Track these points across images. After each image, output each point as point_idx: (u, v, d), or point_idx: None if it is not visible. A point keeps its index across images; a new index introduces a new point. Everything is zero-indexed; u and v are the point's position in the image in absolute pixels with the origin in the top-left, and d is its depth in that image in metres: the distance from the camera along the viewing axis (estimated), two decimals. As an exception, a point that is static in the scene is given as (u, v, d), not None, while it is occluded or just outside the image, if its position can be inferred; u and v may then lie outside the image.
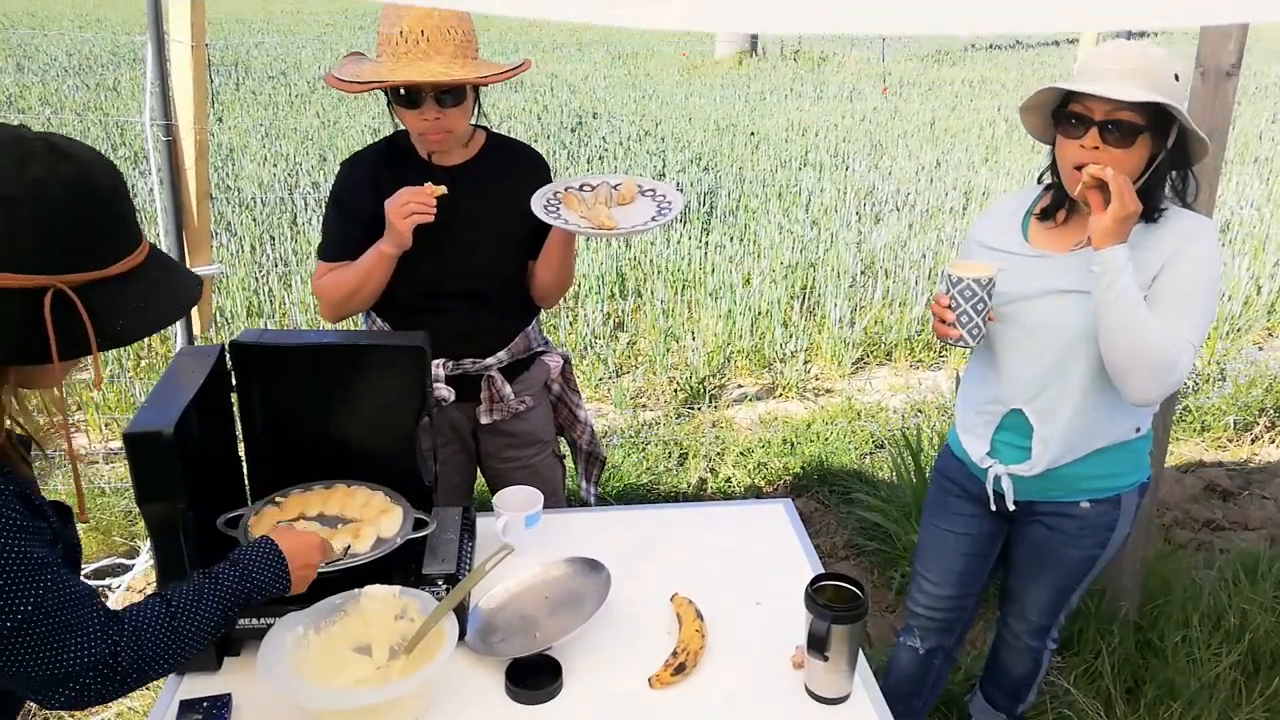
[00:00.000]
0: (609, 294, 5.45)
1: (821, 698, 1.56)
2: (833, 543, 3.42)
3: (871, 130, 10.05)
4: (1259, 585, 3.01)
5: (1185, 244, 1.75)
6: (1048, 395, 1.87)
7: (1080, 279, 1.79)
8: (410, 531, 1.66)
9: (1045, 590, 2.07)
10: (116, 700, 1.21)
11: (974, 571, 2.14)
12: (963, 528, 2.10)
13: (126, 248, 1.08)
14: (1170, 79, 1.71)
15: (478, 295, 2.10)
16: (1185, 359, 1.71)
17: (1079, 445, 1.89)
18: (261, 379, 1.75)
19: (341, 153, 8.20)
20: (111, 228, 1.06)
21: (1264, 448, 4.24)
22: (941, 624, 2.21)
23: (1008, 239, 1.92)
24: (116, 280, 1.06)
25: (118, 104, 10.21)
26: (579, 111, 10.61)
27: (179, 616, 1.21)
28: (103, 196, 1.05)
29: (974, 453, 2.00)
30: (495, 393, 2.16)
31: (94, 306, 1.03)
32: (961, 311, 1.80)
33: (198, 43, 2.69)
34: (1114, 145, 1.71)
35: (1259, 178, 8.09)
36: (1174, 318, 1.73)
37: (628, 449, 3.96)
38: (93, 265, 1.04)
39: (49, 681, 1.10)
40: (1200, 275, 1.75)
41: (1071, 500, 1.95)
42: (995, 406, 1.95)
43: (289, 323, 5.06)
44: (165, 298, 1.12)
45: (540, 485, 2.27)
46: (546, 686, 1.55)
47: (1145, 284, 1.75)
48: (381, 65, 1.89)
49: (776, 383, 4.77)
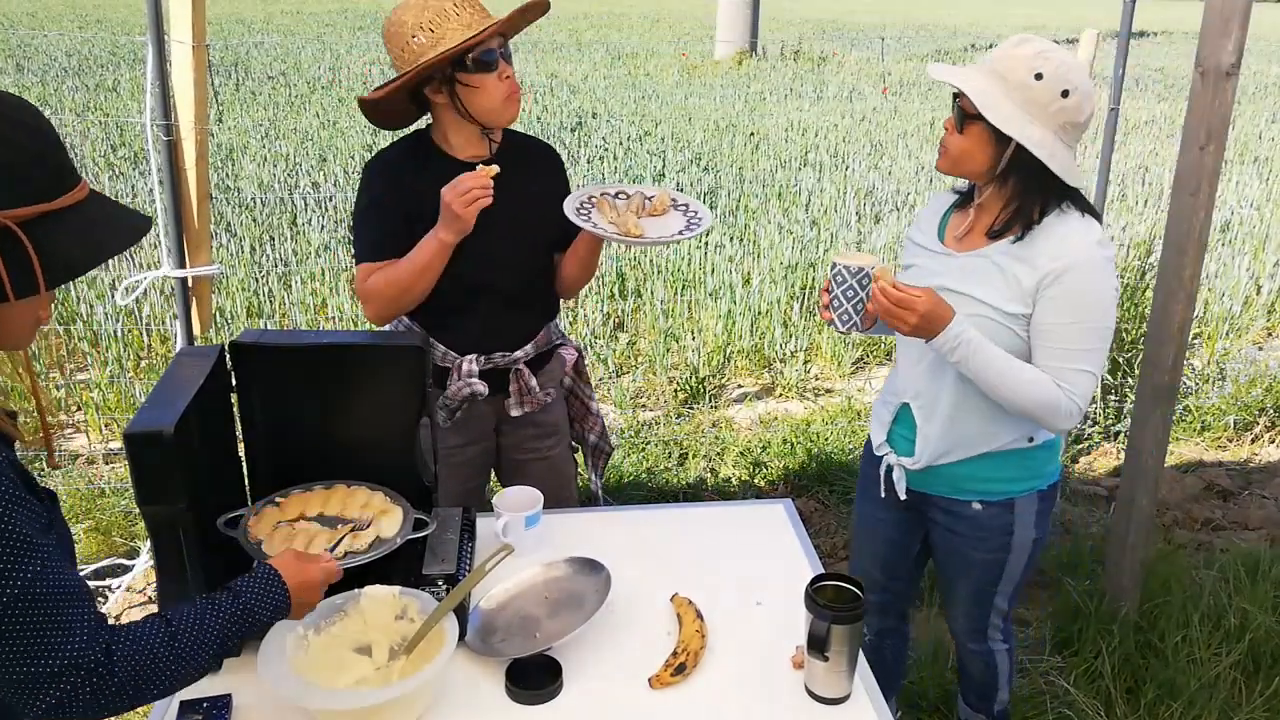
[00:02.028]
0: (609, 294, 5.45)
1: (821, 698, 1.56)
2: (833, 543, 3.42)
3: (871, 130, 10.05)
4: (1259, 585, 3.01)
5: (1062, 265, 1.73)
6: (928, 394, 1.93)
7: (964, 279, 1.83)
8: (410, 532, 1.66)
9: (965, 592, 2.10)
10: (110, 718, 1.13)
11: (897, 557, 2.20)
12: (882, 512, 2.15)
13: (67, 183, 1.07)
14: (1024, 77, 1.69)
15: (507, 291, 2.11)
16: (1074, 397, 1.77)
17: (961, 445, 1.92)
18: (261, 379, 1.75)
19: (341, 153, 8.20)
20: (48, 159, 1.06)
21: (1264, 447, 4.24)
22: (878, 606, 2.27)
23: (927, 235, 1.97)
24: (62, 213, 1.05)
25: (117, 104, 10.22)
26: (579, 111, 10.61)
27: (179, 636, 1.16)
28: (39, 127, 1.05)
29: (875, 440, 2.09)
30: (524, 385, 2.18)
31: (40, 241, 1.02)
32: (834, 296, 1.82)
33: (198, 43, 2.69)
34: (954, 129, 1.79)
35: (1259, 177, 8.10)
36: (1064, 354, 1.77)
37: (627, 449, 3.96)
38: (35, 198, 1.03)
39: (30, 681, 1.03)
40: (1083, 304, 1.75)
41: (963, 500, 1.98)
42: (894, 398, 2.03)
43: (289, 323, 5.06)
44: (114, 227, 1.11)
45: (556, 477, 2.32)
46: (546, 687, 1.55)
47: (1026, 298, 1.77)
48: (454, 35, 1.89)
49: (776, 383, 4.77)
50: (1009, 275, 1.78)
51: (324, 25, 19.33)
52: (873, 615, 2.28)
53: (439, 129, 2.07)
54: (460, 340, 2.11)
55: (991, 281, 1.80)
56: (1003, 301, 1.78)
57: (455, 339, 2.11)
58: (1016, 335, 1.80)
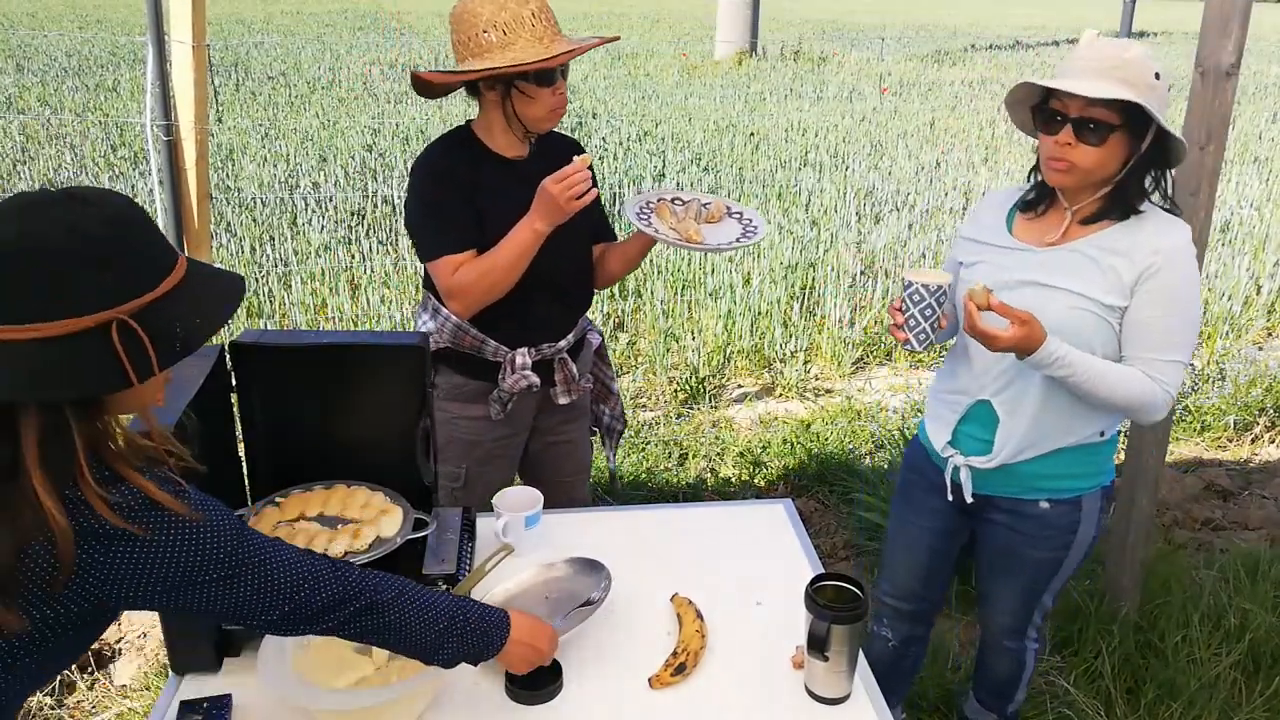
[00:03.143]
0: (609, 294, 5.45)
1: (821, 698, 1.56)
2: (832, 543, 3.42)
3: (871, 130, 10.05)
4: (1259, 585, 3.01)
5: (1162, 259, 1.75)
6: (1015, 388, 1.89)
7: (1054, 273, 1.81)
8: (410, 532, 1.66)
9: (1013, 591, 2.08)
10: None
11: (938, 565, 2.17)
12: (928, 520, 2.12)
13: (168, 264, 1.12)
14: (1149, 78, 1.71)
15: (554, 283, 2.14)
16: (1168, 388, 1.78)
17: (1040, 442, 1.90)
18: (261, 379, 1.75)
19: (341, 153, 8.20)
20: (150, 247, 1.11)
21: (1264, 447, 4.24)
22: (908, 614, 2.24)
23: (991, 232, 1.95)
24: (168, 297, 1.10)
25: (118, 105, 10.21)
26: (579, 111, 10.61)
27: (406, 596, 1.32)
28: (136, 220, 1.10)
29: (937, 442, 2.02)
30: (569, 374, 2.22)
31: (153, 325, 1.07)
32: (910, 315, 1.81)
33: (198, 43, 2.70)
34: (1087, 142, 1.73)
35: (1259, 177, 8.09)
36: (1159, 346, 1.77)
37: (628, 449, 3.96)
38: (144, 288, 1.08)
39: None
40: (1180, 296, 1.77)
41: (1031, 499, 1.96)
42: (963, 396, 1.97)
43: (289, 323, 5.06)
44: (216, 298, 1.17)
45: (578, 460, 2.41)
46: (546, 687, 1.55)
47: (1125, 291, 1.77)
48: (526, 47, 1.92)
49: (776, 383, 4.77)
50: (1105, 268, 1.78)
51: (324, 25, 19.33)
52: (901, 623, 2.26)
53: (484, 122, 2.09)
54: (512, 335, 2.14)
55: (1088, 274, 1.79)
56: (1102, 294, 1.78)
57: (507, 334, 2.14)
58: (1112, 327, 1.80)
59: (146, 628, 2.84)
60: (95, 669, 2.71)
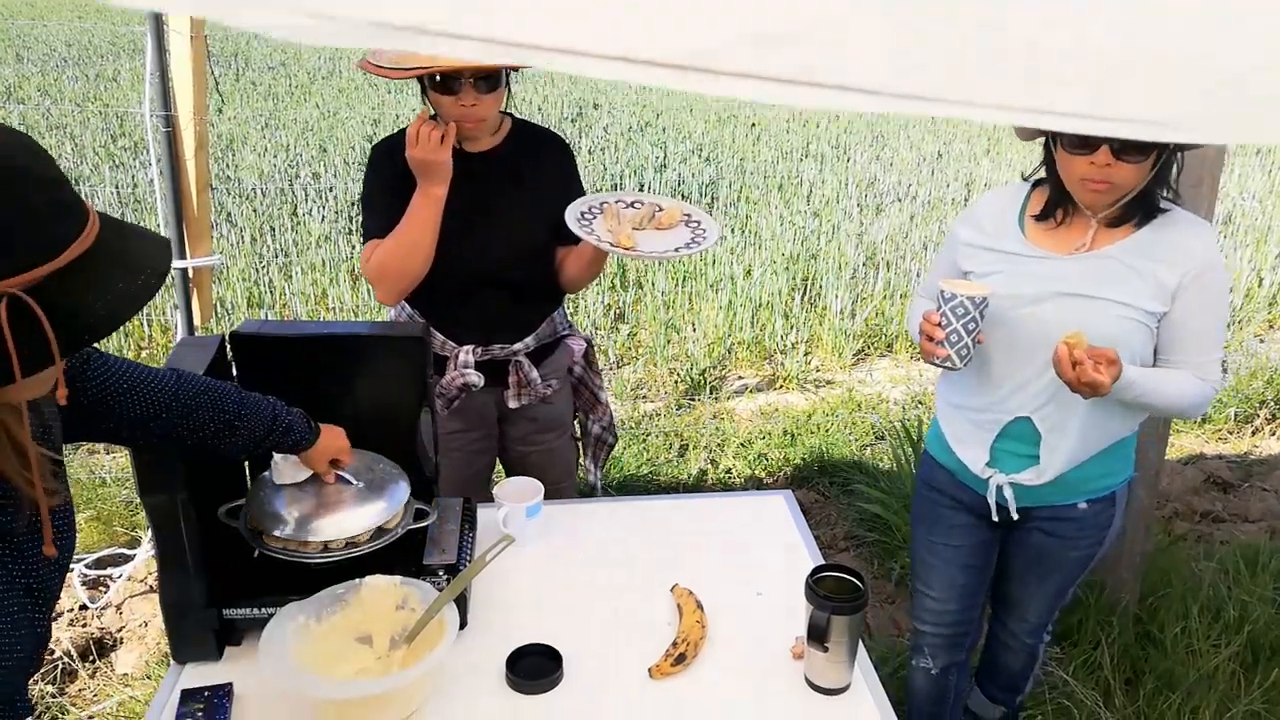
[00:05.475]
0: (610, 285, 5.45)
1: (821, 688, 1.56)
2: (833, 534, 3.42)
3: (873, 121, 10.03)
4: (1259, 577, 3.01)
5: (1202, 266, 1.72)
6: (1057, 402, 1.80)
7: (1083, 282, 1.75)
8: (411, 522, 1.66)
9: (1045, 591, 2.04)
10: None
11: (975, 582, 2.09)
12: (959, 539, 2.04)
13: (76, 227, 0.92)
14: None
15: (508, 281, 2.10)
16: (1215, 385, 1.79)
17: (1087, 449, 1.85)
18: (262, 370, 1.74)
19: (341, 144, 8.19)
20: (52, 207, 0.90)
21: (1264, 440, 4.24)
22: (950, 639, 2.14)
23: (1005, 239, 1.84)
24: (72, 268, 0.90)
25: (117, 94, 10.20)
26: (579, 102, 10.59)
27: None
28: (31, 173, 0.90)
29: (973, 464, 1.92)
30: (523, 377, 2.16)
31: (53, 304, 0.88)
32: (952, 330, 1.70)
33: (197, 33, 2.69)
34: (1129, 161, 1.65)
35: (1261, 169, 8.08)
36: (1206, 347, 1.77)
37: (628, 440, 3.96)
38: (42, 257, 0.88)
39: None
40: (1219, 300, 1.77)
41: (1070, 503, 1.91)
42: (996, 415, 1.86)
43: (289, 313, 5.06)
44: (131, 266, 0.96)
45: (559, 468, 2.31)
46: (547, 676, 1.55)
47: (1167, 297, 1.73)
48: (422, 52, 1.88)
49: (777, 374, 4.77)
50: (1145, 274, 1.72)
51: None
52: (941, 651, 2.14)
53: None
54: (460, 330, 2.11)
55: (1129, 282, 1.73)
56: (1145, 301, 1.73)
57: (456, 329, 2.11)
58: (1153, 333, 1.77)
59: (148, 617, 2.85)
60: (97, 658, 2.72)
